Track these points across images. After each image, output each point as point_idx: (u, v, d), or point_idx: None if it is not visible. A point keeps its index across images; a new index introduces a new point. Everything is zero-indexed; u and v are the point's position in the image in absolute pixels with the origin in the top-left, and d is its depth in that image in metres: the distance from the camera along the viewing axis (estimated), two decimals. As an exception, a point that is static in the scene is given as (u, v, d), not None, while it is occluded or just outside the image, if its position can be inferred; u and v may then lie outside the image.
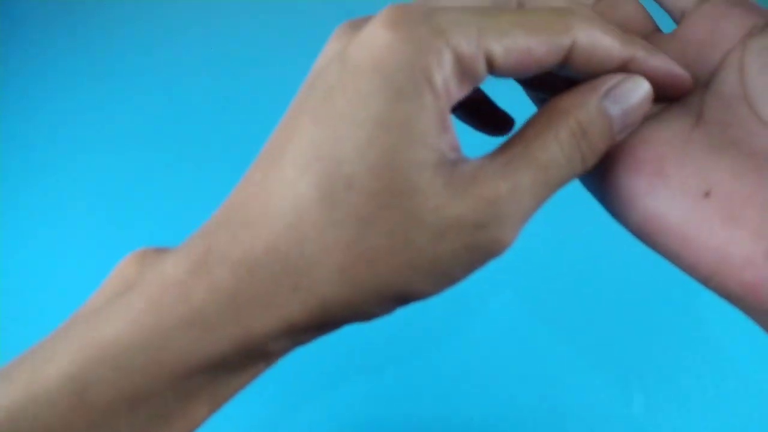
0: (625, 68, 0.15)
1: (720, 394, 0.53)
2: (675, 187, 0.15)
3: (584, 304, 0.59)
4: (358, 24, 0.16)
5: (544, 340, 0.57)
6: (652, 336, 0.57)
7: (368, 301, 0.14)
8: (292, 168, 0.14)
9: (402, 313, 0.56)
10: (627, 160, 0.16)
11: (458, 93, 0.14)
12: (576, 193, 0.21)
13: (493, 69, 0.14)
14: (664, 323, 0.57)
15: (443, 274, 0.14)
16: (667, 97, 0.16)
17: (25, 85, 0.84)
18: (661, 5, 0.18)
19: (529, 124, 0.15)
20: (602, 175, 0.16)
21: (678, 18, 0.18)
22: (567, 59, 0.15)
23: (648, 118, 0.16)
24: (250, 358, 0.15)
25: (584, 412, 0.52)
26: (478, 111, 0.20)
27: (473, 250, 0.14)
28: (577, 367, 0.55)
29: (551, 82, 0.18)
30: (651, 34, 0.18)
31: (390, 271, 0.14)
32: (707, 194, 0.14)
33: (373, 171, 0.13)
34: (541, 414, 0.52)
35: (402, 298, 0.15)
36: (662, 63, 0.16)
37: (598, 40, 0.15)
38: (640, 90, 0.15)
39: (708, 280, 0.15)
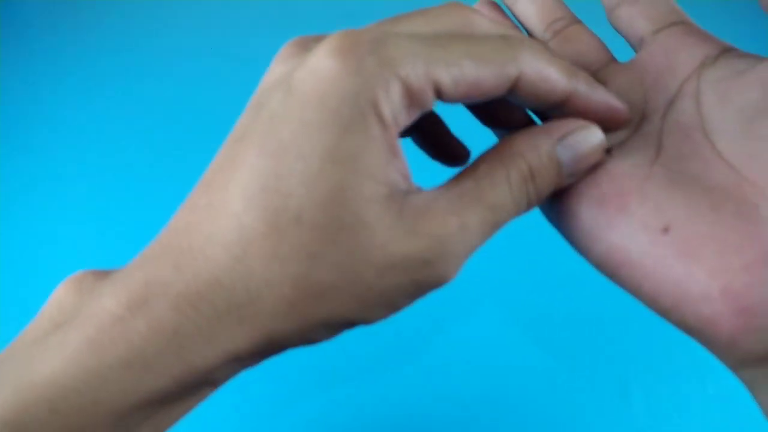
0: (567, 100, 0.16)
1: (720, 394, 0.52)
2: (635, 223, 0.15)
3: (582, 305, 0.59)
4: (306, 44, 0.16)
5: (541, 342, 0.57)
6: (651, 336, 0.57)
7: (314, 331, 0.15)
8: (238, 199, 0.14)
9: (385, 325, 0.56)
10: (588, 194, 0.16)
11: (406, 121, 0.14)
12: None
13: (440, 97, 0.14)
14: (663, 323, 0.57)
15: (388, 305, 0.15)
16: (608, 128, 0.17)
17: (24, 82, 0.85)
18: (620, 33, 0.18)
19: (482, 159, 0.16)
20: (564, 209, 0.17)
21: (637, 46, 0.18)
22: (513, 88, 0.15)
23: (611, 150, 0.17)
24: (193, 388, 0.15)
25: (584, 413, 0.52)
26: (434, 140, 0.20)
27: (417, 284, 0.14)
28: (576, 368, 0.55)
29: (505, 117, 0.18)
30: (607, 65, 0.18)
31: (337, 304, 0.14)
32: (666, 230, 0.15)
33: (321, 206, 0.13)
34: (541, 415, 0.52)
35: (347, 325, 0.15)
36: (602, 97, 0.16)
37: (543, 72, 0.15)
38: (593, 140, 0.16)
39: (668, 314, 0.15)
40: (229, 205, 0.14)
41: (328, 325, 0.15)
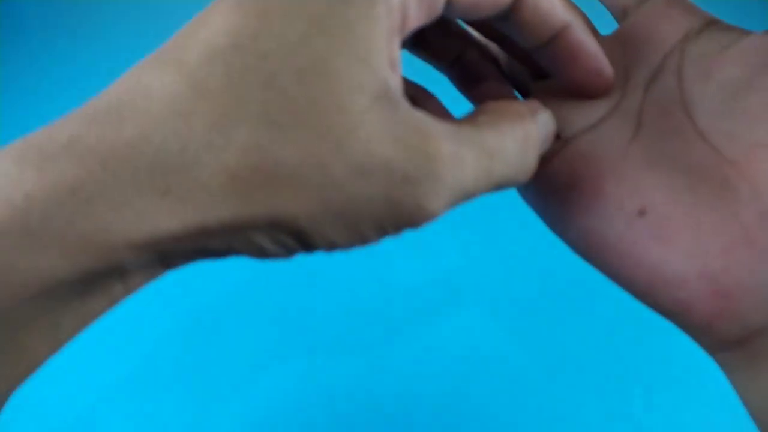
0: (561, 34, 0.15)
1: (720, 393, 0.52)
2: (611, 206, 0.15)
3: (583, 304, 0.58)
4: None
5: (542, 340, 0.57)
6: (652, 335, 0.56)
7: (259, 227, 0.12)
8: (198, 53, 0.12)
9: (375, 312, 0.56)
10: (565, 176, 0.16)
11: (413, 21, 0.13)
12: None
13: (450, 2, 0.13)
14: (663, 322, 0.56)
15: (351, 224, 0.12)
16: (591, 89, 0.16)
17: (24, 81, 0.86)
18: (603, 4, 0.18)
19: (479, 112, 0.14)
20: (539, 190, 0.17)
21: (620, 18, 0.18)
22: (516, 5, 0.14)
23: (588, 130, 0.16)
24: (99, 276, 0.12)
25: (584, 413, 0.52)
26: (476, 73, 0.19)
27: (392, 206, 0.12)
28: (577, 368, 0.54)
29: (492, 90, 0.18)
30: None
31: (292, 196, 0.12)
32: (642, 212, 0.15)
33: (299, 75, 0.11)
34: (540, 414, 0.52)
35: (300, 236, 0.12)
36: (593, 46, 0.16)
37: None
38: (552, 124, 0.15)
39: (644, 296, 0.15)
40: (185, 57, 0.12)
41: (275, 224, 0.12)
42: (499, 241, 0.65)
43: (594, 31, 0.18)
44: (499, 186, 0.14)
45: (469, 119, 0.14)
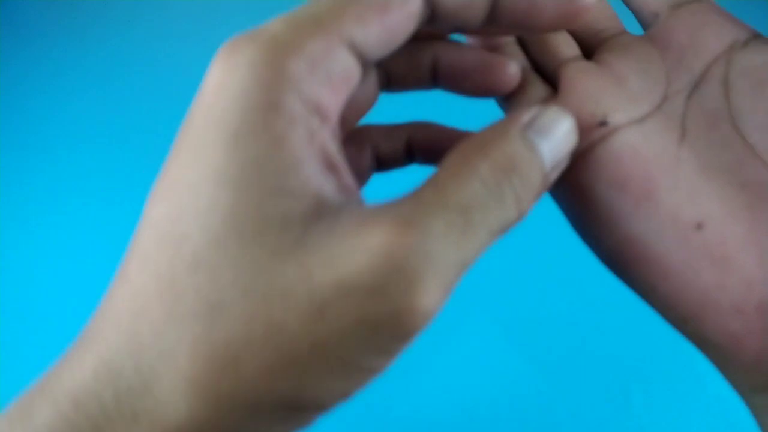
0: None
1: (720, 393, 0.52)
2: (663, 214, 0.13)
3: (584, 304, 0.58)
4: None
5: (542, 340, 0.57)
6: (652, 335, 0.56)
7: (241, 418, 0.11)
8: (137, 260, 0.11)
9: None
10: (608, 173, 0.14)
11: (329, 108, 0.12)
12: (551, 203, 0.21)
13: (364, 55, 0.12)
14: (664, 322, 0.56)
15: (341, 365, 0.11)
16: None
17: (23, 81, 0.85)
18: (629, 6, 0.17)
19: (441, 168, 0.12)
20: (577, 189, 0.15)
21: (646, 21, 0.17)
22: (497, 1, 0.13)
23: (635, 123, 0.15)
24: None
25: (584, 413, 0.52)
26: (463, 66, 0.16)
27: (373, 326, 0.10)
28: (577, 367, 0.54)
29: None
30: (620, 35, 0.17)
31: (258, 372, 0.10)
32: (699, 226, 0.13)
33: (218, 242, 0.10)
34: (540, 414, 0.52)
35: (297, 406, 0.11)
36: None
37: None
38: (563, 121, 0.13)
39: (684, 322, 0.13)
40: (129, 269, 0.12)
41: (257, 408, 0.11)
42: (508, 251, 0.65)
43: (627, 32, 0.17)
44: (497, 232, 0.12)
45: (430, 181, 0.12)
